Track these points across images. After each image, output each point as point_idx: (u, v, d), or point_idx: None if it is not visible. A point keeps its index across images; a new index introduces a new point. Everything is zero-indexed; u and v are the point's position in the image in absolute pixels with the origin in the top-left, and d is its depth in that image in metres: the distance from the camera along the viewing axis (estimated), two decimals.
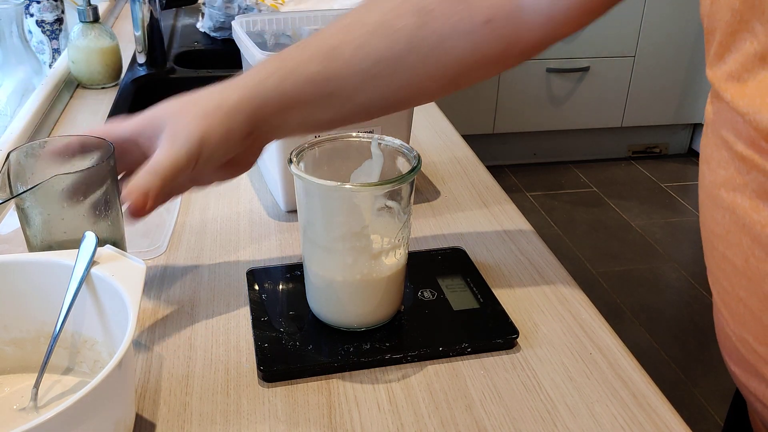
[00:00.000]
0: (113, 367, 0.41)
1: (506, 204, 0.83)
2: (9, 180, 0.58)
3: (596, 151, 3.14)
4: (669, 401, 0.54)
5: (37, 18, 1.30)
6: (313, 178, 0.54)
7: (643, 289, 2.22)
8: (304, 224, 0.58)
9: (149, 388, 0.55)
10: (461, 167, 0.92)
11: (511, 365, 0.57)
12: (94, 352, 0.53)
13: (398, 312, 0.61)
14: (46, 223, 0.58)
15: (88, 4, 1.15)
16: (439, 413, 0.52)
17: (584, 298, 0.66)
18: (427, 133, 1.03)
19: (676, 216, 2.66)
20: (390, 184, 0.54)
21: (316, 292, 0.60)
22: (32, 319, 0.54)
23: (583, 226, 2.59)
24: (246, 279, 0.67)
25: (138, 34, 1.20)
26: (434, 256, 0.70)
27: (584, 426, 0.51)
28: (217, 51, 1.46)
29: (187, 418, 0.52)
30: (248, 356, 0.58)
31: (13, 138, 0.93)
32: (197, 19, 1.56)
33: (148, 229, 0.76)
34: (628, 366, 0.57)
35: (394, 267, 0.58)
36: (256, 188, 0.86)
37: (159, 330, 0.61)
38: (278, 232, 0.76)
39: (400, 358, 0.57)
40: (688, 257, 2.40)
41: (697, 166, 3.06)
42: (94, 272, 0.51)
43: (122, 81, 1.21)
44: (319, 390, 0.55)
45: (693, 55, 2.95)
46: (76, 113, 1.09)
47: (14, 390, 0.53)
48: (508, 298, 0.65)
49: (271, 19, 0.87)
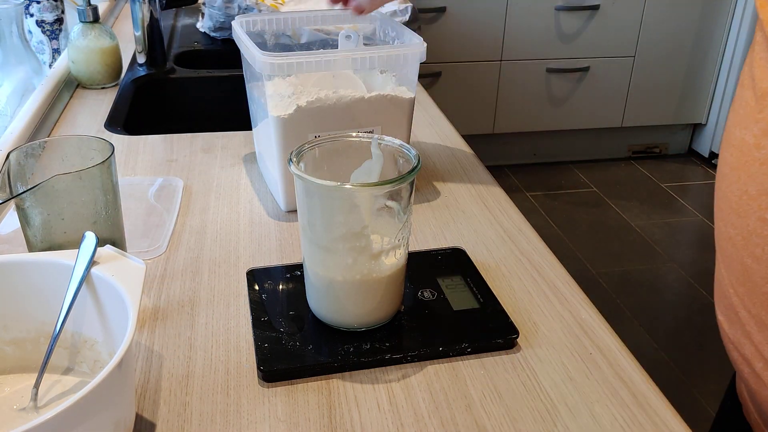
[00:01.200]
0: (113, 367, 0.41)
1: (506, 204, 0.83)
2: (9, 180, 0.58)
3: (596, 151, 3.14)
4: (669, 401, 0.54)
5: (37, 18, 1.30)
6: (313, 178, 0.54)
7: (643, 290, 2.22)
8: (304, 224, 0.58)
9: (149, 388, 0.55)
10: (461, 167, 0.92)
11: (511, 365, 0.57)
12: (94, 352, 0.53)
13: (398, 312, 0.61)
14: (46, 223, 0.58)
15: (88, 4, 1.15)
16: (439, 413, 0.52)
17: (584, 298, 0.66)
18: (427, 133, 1.03)
19: (676, 216, 2.66)
20: (390, 184, 0.54)
21: (316, 292, 0.60)
22: (32, 319, 0.54)
23: (583, 226, 2.59)
24: (246, 279, 0.67)
25: (138, 34, 1.20)
26: (434, 256, 0.70)
27: (584, 426, 0.51)
28: (217, 51, 1.46)
29: (187, 418, 0.52)
30: (248, 356, 0.58)
31: (13, 138, 0.93)
32: (197, 19, 1.56)
33: (148, 229, 0.76)
34: (628, 366, 0.57)
35: (394, 267, 0.58)
36: (256, 188, 0.86)
37: (159, 330, 0.61)
38: (278, 232, 0.76)
39: (400, 358, 0.57)
40: (688, 257, 2.40)
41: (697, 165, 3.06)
42: (94, 272, 0.51)
43: (122, 81, 1.21)
44: (319, 390, 0.55)
45: (693, 55, 2.95)
46: (76, 113, 1.09)
47: (14, 390, 0.53)
48: (508, 298, 0.65)
49: (271, 19, 0.87)
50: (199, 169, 0.91)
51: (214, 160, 0.93)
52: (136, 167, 0.91)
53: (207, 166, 0.91)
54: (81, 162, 0.62)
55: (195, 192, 0.85)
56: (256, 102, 0.83)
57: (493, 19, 2.76)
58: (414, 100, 0.80)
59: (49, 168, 0.61)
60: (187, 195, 0.84)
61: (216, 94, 1.28)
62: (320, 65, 0.72)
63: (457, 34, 2.75)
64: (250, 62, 0.76)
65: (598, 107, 3.01)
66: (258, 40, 0.85)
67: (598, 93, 2.98)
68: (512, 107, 2.93)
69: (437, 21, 2.73)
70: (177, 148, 0.96)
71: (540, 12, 2.78)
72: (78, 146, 0.63)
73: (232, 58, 1.17)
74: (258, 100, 0.82)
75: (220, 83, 1.28)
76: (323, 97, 0.74)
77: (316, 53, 0.73)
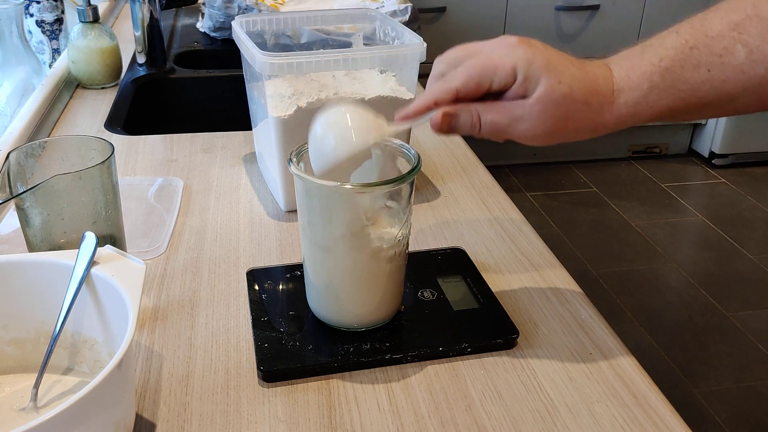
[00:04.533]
0: (113, 367, 0.41)
1: (506, 204, 0.83)
2: (9, 180, 0.58)
3: (596, 151, 3.13)
4: (669, 401, 0.54)
5: (37, 18, 1.30)
6: (313, 178, 0.54)
7: (643, 290, 2.22)
8: (304, 224, 0.58)
9: (149, 388, 0.55)
10: (461, 167, 0.92)
11: (511, 365, 0.57)
12: (94, 352, 0.53)
13: (398, 312, 0.61)
14: (46, 223, 0.58)
15: (88, 4, 1.15)
16: (439, 413, 0.52)
17: (584, 298, 0.66)
18: (427, 133, 1.03)
19: (676, 216, 2.66)
20: (390, 184, 0.54)
21: (316, 292, 0.60)
22: (32, 319, 0.54)
23: (583, 226, 2.59)
24: (246, 279, 0.67)
25: (138, 34, 1.20)
26: (434, 256, 0.70)
27: (584, 426, 0.51)
28: (217, 51, 1.46)
29: (187, 418, 0.52)
30: (248, 356, 0.58)
31: (13, 138, 0.93)
32: (197, 19, 1.56)
33: (148, 229, 0.76)
34: (628, 366, 0.57)
35: (394, 267, 0.58)
36: (256, 188, 0.86)
37: (159, 330, 0.61)
38: (278, 232, 0.76)
39: (400, 358, 0.57)
40: (688, 257, 2.40)
41: (697, 165, 3.06)
42: (94, 272, 0.51)
43: (122, 81, 1.21)
44: (319, 390, 0.55)
45: None
46: (76, 113, 1.09)
47: (14, 390, 0.53)
48: (508, 298, 0.65)
49: (271, 19, 0.87)
50: (199, 169, 0.91)
51: (214, 160, 0.93)
52: (136, 167, 0.91)
53: (207, 166, 0.91)
54: (81, 162, 0.62)
55: (195, 192, 0.85)
56: (256, 102, 0.83)
57: (493, 19, 2.76)
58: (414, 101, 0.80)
59: (49, 168, 0.61)
60: (187, 195, 0.84)
61: (216, 94, 1.28)
62: (320, 65, 0.72)
63: (457, 34, 2.75)
64: (250, 62, 0.76)
65: None
66: (258, 40, 0.85)
67: None
68: None
69: (437, 21, 2.73)
70: (177, 148, 0.96)
71: (540, 12, 2.78)
72: (78, 146, 0.63)
73: (232, 58, 1.17)
74: (258, 100, 0.82)
75: (220, 83, 1.28)
76: (323, 97, 0.74)
77: (316, 53, 0.73)
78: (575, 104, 0.52)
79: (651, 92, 0.52)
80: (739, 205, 2.73)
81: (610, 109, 0.52)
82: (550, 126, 0.52)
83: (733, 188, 2.85)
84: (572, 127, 0.53)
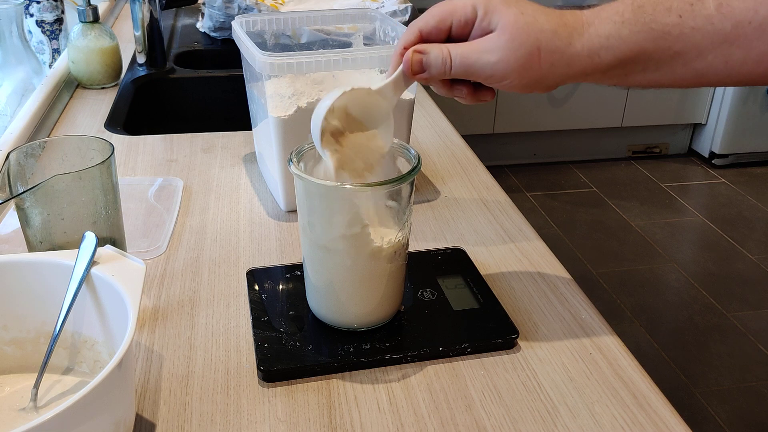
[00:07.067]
0: (113, 367, 0.41)
1: (506, 204, 0.83)
2: (9, 180, 0.58)
3: (596, 151, 3.13)
4: (669, 401, 0.54)
5: (37, 18, 1.30)
6: (313, 178, 0.54)
7: (643, 290, 2.22)
8: (304, 224, 0.58)
9: (149, 388, 0.55)
10: (461, 167, 0.92)
11: (511, 365, 0.57)
12: (94, 352, 0.53)
13: (398, 312, 0.61)
14: (46, 223, 0.58)
15: (88, 4, 1.15)
16: (439, 413, 0.52)
17: (584, 298, 0.66)
18: (427, 133, 1.03)
19: (676, 216, 2.66)
20: (390, 184, 0.54)
21: (316, 292, 0.60)
22: (32, 319, 0.54)
23: (583, 226, 2.59)
24: (246, 279, 0.67)
25: (138, 34, 1.20)
26: (434, 256, 0.70)
27: (584, 426, 0.51)
28: (217, 51, 1.46)
29: (187, 418, 0.52)
30: (248, 356, 0.58)
31: (13, 138, 0.93)
32: (197, 19, 1.56)
33: (148, 229, 0.76)
34: (628, 366, 0.57)
35: (394, 267, 0.58)
36: (256, 188, 0.86)
37: (159, 330, 0.61)
38: (278, 232, 0.76)
39: (400, 358, 0.57)
40: (688, 257, 2.40)
41: (697, 165, 3.06)
42: (94, 272, 0.51)
43: (122, 81, 1.21)
44: (319, 390, 0.55)
45: None
46: (75, 113, 1.09)
47: (14, 390, 0.53)
48: (508, 298, 0.65)
49: (271, 19, 0.87)
50: (199, 169, 0.91)
51: (214, 160, 0.93)
52: (136, 167, 0.91)
53: (207, 166, 0.91)
54: (81, 162, 0.62)
55: (195, 192, 0.85)
56: (256, 102, 0.83)
57: None
58: (414, 101, 0.80)
59: (49, 168, 0.61)
60: (187, 195, 0.84)
61: (216, 94, 1.28)
62: (320, 65, 0.72)
63: None
64: (250, 62, 0.76)
65: (598, 107, 3.01)
66: (258, 40, 0.85)
67: (598, 93, 2.98)
68: (512, 107, 2.93)
69: None
70: (177, 148, 0.96)
71: None
72: (78, 146, 0.63)
73: (232, 58, 1.17)
74: (258, 101, 0.82)
75: (220, 83, 1.28)
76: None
77: (316, 53, 0.73)
78: (543, 33, 0.52)
79: (623, 26, 0.52)
80: (739, 205, 2.73)
81: (581, 38, 0.53)
82: (522, 57, 0.52)
83: (733, 188, 2.85)
84: (546, 60, 0.52)
